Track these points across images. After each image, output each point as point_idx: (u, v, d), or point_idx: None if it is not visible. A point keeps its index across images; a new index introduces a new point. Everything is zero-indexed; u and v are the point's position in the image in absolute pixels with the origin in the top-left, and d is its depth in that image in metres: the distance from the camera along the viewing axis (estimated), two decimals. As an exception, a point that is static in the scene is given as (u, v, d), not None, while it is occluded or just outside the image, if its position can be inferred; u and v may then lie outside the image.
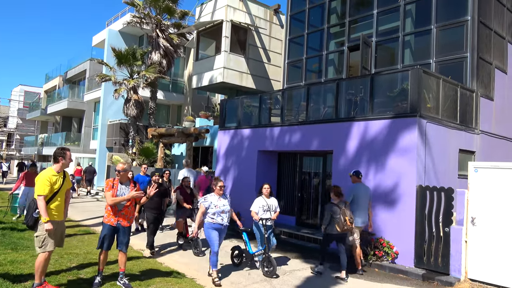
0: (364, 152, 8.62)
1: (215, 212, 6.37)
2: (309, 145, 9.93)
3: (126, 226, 5.65)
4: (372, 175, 8.39)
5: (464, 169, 8.58)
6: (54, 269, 6.07)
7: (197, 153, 17.57)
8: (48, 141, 32.52)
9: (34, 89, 49.19)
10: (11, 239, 7.95)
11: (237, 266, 7.29)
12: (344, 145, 9.05)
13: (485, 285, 6.61)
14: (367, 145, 8.59)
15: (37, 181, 5.05)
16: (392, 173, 8.05)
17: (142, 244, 8.79)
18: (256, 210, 7.20)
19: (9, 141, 51.01)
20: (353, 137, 8.87)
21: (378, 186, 8.24)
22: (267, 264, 6.82)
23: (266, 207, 7.24)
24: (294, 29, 14.98)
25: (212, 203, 6.42)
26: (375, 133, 8.46)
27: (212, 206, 6.40)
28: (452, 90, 9.18)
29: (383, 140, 8.30)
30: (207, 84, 17.05)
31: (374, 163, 8.40)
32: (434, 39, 10.84)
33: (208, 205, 6.41)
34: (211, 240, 6.31)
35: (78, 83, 30.68)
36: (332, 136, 9.38)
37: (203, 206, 6.43)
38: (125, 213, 5.65)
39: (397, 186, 7.92)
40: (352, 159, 8.84)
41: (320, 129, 9.70)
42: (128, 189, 5.69)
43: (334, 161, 9.25)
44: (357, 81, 9.85)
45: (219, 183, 6.62)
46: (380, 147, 8.32)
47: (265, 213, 7.19)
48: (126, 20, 20.81)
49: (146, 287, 5.65)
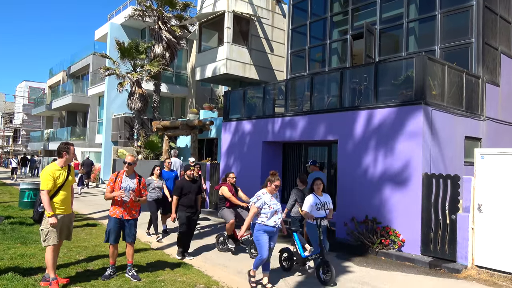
0: (370, 141, 8.58)
1: (268, 213, 5.63)
2: (313, 135, 9.91)
3: (132, 219, 5.71)
4: (378, 163, 8.37)
5: (470, 156, 8.53)
6: (63, 262, 6.15)
7: (202, 145, 17.61)
8: (53, 136, 32.73)
9: (38, 85, 49.45)
10: (20, 233, 8.04)
11: (287, 271, 6.51)
12: (349, 134, 9.01)
13: (492, 271, 6.61)
14: (372, 134, 8.55)
15: (41, 176, 5.13)
16: (397, 161, 8.03)
17: (149, 236, 8.87)
18: (308, 209, 6.40)
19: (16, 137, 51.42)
20: (358, 126, 8.83)
21: (384, 175, 8.22)
22: (324, 271, 5.99)
23: (319, 205, 6.46)
24: (297, 19, 14.85)
25: (266, 203, 5.65)
26: (380, 122, 8.42)
27: (265, 206, 5.64)
28: (457, 77, 9.09)
29: (388, 129, 8.26)
30: (210, 76, 17.01)
31: (380, 152, 8.36)
32: (438, 25, 10.70)
33: (261, 205, 5.65)
34: (261, 244, 5.58)
35: (81, 78, 30.75)
36: (336, 125, 9.34)
37: (255, 206, 5.68)
38: (131, 206, 5.70)
39: (403, 174, 7.89)
40: (357, 148, 8.82)
41: (324, 118, 9.66)
42: (133, 182, 5.73)
43: (339, 150, 9.23)
44: (361, 69, 9.78)
45: (276, 181, 5.75)
46: (386, 135, 8.29)
47: (319, 212, 6.42)
48: (128, 13, 20.74)
49: (154, 278, 5.71)
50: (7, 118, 52.89)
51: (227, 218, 7.68)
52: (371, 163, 8.46)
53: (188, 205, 7.08)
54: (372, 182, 8.37)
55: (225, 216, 7.76)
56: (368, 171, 8.50)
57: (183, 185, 7.09)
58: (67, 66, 32.96)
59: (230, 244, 7.75)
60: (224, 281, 5.87)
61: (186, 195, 7.02)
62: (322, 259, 6.04)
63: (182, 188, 7.05)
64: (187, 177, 7.18)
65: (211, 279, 5.89)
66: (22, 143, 48.71)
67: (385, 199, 8.14)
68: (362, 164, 8.63)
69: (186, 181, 7.19)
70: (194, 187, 7.17)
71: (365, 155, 8.58)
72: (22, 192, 12.04)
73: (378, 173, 8.30)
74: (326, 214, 6.46)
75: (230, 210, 7.84)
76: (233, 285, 5.75)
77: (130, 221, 5.70)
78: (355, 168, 8.75)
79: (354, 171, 8.77)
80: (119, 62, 19.06)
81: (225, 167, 12.45)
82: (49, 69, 38.37)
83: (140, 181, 5.83)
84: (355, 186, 8.72)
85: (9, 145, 51.31)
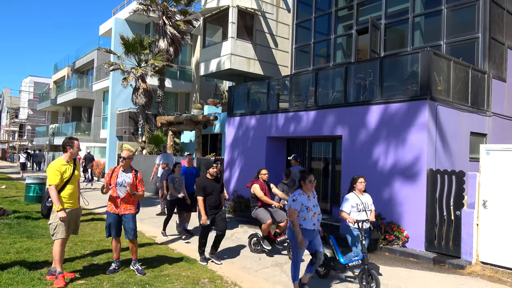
0: (374, 137, 8.55)
1: (306, 215, 5.14)
2: (318, 130, 9.89)
3: (129, 213, 5.70)
4: (383, 159, 8.34)
5: (476, 152, 8.49)
6: (69, 256, 6.20)
7: (206, 140, 17.63)
8: (59, 131, 32.90)
9: (43, 80, 49.65)
10: (26, 228, 8.11)
11: (323, 278, 5.93)
12: (353, 130, 8.99)
13: (496, 268, 6.59)
14: (377, 129, 8.52)
15: (47, 171, 5.17)
16: (402, 157, 8.00)
17: (154, 231, 8.92)
18: (348, 211, 5.80)
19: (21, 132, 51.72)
20: (363, 122, 8.80)
21: (389, 170, 8.19)
22: (368, 279, 5.37)
23: (361, 206, 5.83)
24: (301, 13, 14.77)
25: (304, 204, 5.14)
26: (385, 117, 8.38)
27: (303, 208, 5.13)
28: (463, 72, 9.02)
29: (393, 124, 8.22)
30: (215, 71, 16.98)
31: (384, 147, 8.34)
32: (444, 20, 10.61)
33: (299, 207, 5.12)
34: (297, 247, 5.08)
35: (86, 73, 30.82)
36: (341, 121, 9.32)
37: (293, 209, 5.09)
38: (127, 201, 5.70)
39: (408, 170, 7.87)
40: (361, 143, 8.79)
41: (329, 114, 9.64)
42: (129, 177, 5.73)
43: (344, 146, 9.21)
44: (366, 64, 9.73)
45: (310, 177, 5.23)
46: (390, 131, 8.25)
47: (360, 214, 5.78)
48: (132, 8, 20.73)
49: (159, 273, 5.74)
50: (12, 113, 53.21)
51: (263, 218, 7.18)
52: (376, 159, 8.44)
53: (213, 205, 6.51)
54: (376, 177, 8.35)
55: (260, 216, 7.23)
56: (372, 167, 8.48)
57: (206, 185, 6.50)
58: (72, 62, 33.06)
59: (265, 246, 7.30)
60: (229, 276, 5.90)
61: (210, 195, 6.48)
62: (365, 267, 5.41)
63: (205, 187, 6.48)
64: (210, 175, 6.60)
65: (215, 274, 5.92)
66: (27, 138, 48.99)
67: (390, 194, 8.12)
68: (367, 160, 8.61)
69: (208, 179, 6.58)
70: (218, 187, 6.59)
71: (370, 151, 8.56)
72: (28, 187, 12.13)
73: (382, 169, 8.28)
74: (368, 217, 5.81)
75: (265, 209, 7.30)
76: (237, 280, 5.77)
77: (126, 216, 5.69)
78: (359, 163, 8.73)
79: (358, 167, 8.74)
80: (124, 57, 19.09)
81: (228, 162, 12.48)
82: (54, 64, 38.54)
83: (136, 176, 5.77)
84: (359, 182, 8.69)
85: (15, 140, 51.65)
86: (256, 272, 6.28)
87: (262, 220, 7.19)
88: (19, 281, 4.94)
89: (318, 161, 11.21)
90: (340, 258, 5.77)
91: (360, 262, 5.57)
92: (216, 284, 5.44)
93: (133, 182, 5.70)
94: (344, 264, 5.72)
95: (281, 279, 5.98)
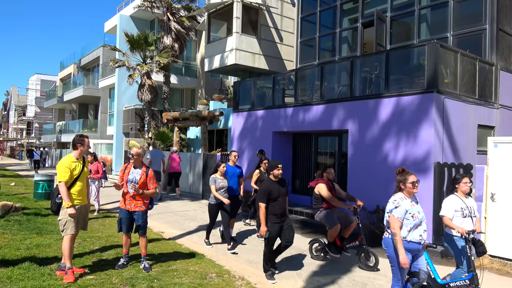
0: (380, 130, 8.52)
1: (410, 225, 4.17)
2: (323, 124, 9.86)
3: (140, 210, 5.74)
4: (389, 153, 8.31)
5: (483, 144, 8.42)
6: (78, 252, 6.27)
7: (212, 136, 17.67)
8: (66, 129, 33.16)
9: (50, 78, 49.98)
10: (35, 224, 8.21)
11: None
12: (359, 124, 8.96)
13: (505, 261, 6.56)
14: (383, 123, 8.48)
15: (57, 168, 5.23)
16: (409, 151, 7.96)
17: (161, 226, 8.99)
18: (451, 216, 4.76)
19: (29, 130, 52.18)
20: (369, 115, 8.76)
21: (395, 164, 8.16)
22: None
23: (466, 211, 4.78)
24: (306, 7, 14.70)
25: (407, 211, 4.18)
26: (391, 111, 8.34)
27: (407, 215, 4.18)
28: (470, 64, 8.94)
29: (399, 118, 8.18)
30: (220, 66, 16.96)
31: (391, 141, 8.30)
32: (451, 12, 10.49)
33: (402, 215, 4.18)
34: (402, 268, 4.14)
35: (92, 70, 30.96)
36: (347, 115, 9.29)
37: (396, 217, 4.17)
38: (137, 198, 5.74)
39: (415, 163, 7.83)
40: (367, 137, 8.76)
41: (334, 108, 9.61)
42: (140, 173, 5.75)
43: (350, 140, 9.18)
44: (372, 58, 9.67)
45: (410, 177, 4.25)
46: (397, 124, 8.21)
47: (465, 221, 4.74)
48: (137, 4, 20.74)
49: (167, 268, 5.79)
50: (20, 111, 53.65)
51: (332, 223, 6.42)
52: (382, 152, 8.41)
53: (279, 213, 5.61)
54: (384, 171, 8.33)
55: (328, 220, 6.45)
56: (379, 161, 8.46)
57: (271, 189, 5.58)
58: (78, 59, 33.20)
59: (333, 253, 6.53)
60: (236, 270, 5.93)
61: (275, 200, 5.55)
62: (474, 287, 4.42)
63: (270, 192, 5.56)
64: (274, 177, 5.70)
65: (222, 268, 5.96)
66: (35, 135, 49.41)
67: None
68: (373, 154, 8.58)
69: (273, 182, 5.69)
70: (283, 191, 5.72)
71: (376, 145, 8.52)
72: (36, 184, 12.25)
73: (389, 163, 8.25)
74: (474, 225, 4.80)
75: (332, 212, 6.53)
76: (245, 274, 5.80)
77: (137, 213, 5.74)
78: (366, 157, 8.71)
79: (365, 161, 8.73)
80: (129, 54, 19.14)
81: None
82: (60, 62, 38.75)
83: (147, 173, 5.76)
84: (365, 176, 8.69)
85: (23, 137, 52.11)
86: (264, 267, 6.30)
87: (330, 224, 6.42)
88: (29, 276, 5.01)
89: (324, 156, 11.20)
90: (437, 276, 4.73)
91: (467, 283, 4.54)
92: (224, 279, 5.47)
93: (143, 179, 5.71)
94: (443, 285, 4.65)
95: (289, 273, 6.01)
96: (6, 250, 6.13)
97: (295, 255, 6.98)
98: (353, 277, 5.92)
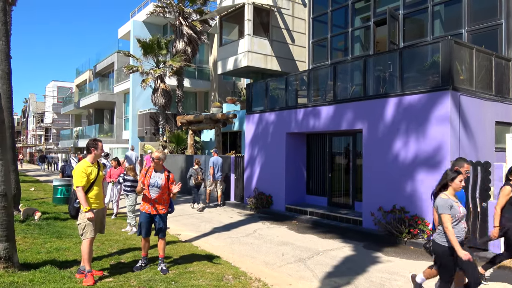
0: (395, 129, 8.44)
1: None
2: (337, 125, 9.82)
3: (161, 214, 5.82)
4: (405, 152, 8.22)
5: (502, 141, 8.26)
6: (96, 255, 6.37)
7: (226, 138, 17.75)
8: (82, 134, 33.72)
9: (66, 84, 50.91)
10: (55, 228, 8.37)
11: None
12: (374, 123, 8.88)
13: (526, 259, 6.41)
14: (398, 122, 8.40)
15: (74, 173, 5.33)
16: (425, 149, 7.86)
17: (178, 228, 9.06)
18: None
19: (47, 136, 53.26)
20: (383, 115, 8.69)
21: (412, 163, 8.07)
22: None
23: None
24: (317, 7, 14.66)
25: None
26: (407, 109, 8.25)
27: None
28: (486, 60, 8.79)
29: (415, 116, 8.09)
30: (232, 69, 17.06)
31: (407, 140, 8.21)
32: (465, 7, 10.34)
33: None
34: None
35: (107, 76, 31.42)
36: (361, 114, 9.22)
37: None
38: (159, 201, 5.81)
39: (431, 162, 7.73)
40: (383, 137, 8.68)
41: (348, 108, 9.55)
42: (161, 178, 5.82)
43: (365, 139, 9.12)
44: (385, 56, 9.59)
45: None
46: (413, 123, 8.12)
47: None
48: (149, 10, 21.01)
49: (184, 270, 5.84)
50: (38, 118, 54.84)
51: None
52: (398, 151, 8.33)
53: None
54: (399, 171, 8.24)
55: None
56: (394, 160, 8.37)
57: None
58: (93, 65, 33.75)
59: None
60: (252, 272, 5.94)
61: None
62: None
63: None
64: None
65: (239, 270, 5.98)
66: (53, 141, 50.38)
67: (413, 188, 8.00)
68: (389, 153, 8.50)
69: None
70: None
71: (392, 144, 8.44)
72: (55, 189, 12.49)
73: (405, 162, 8.16)
74: None
75: None
76: (261, 275, 5.81)
77: (158, 216, 5.83)
78: (381, 157, 8.64)
79: (380, 160, 8.65)
80: (142, 59, 19.38)
81: (249, 159, 12.52)
82: (76, 69, 39.40)
83: (168, 177, 5.83)
84: (381, 175, 8.61)
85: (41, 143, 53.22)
86: (280, 268, 6.30)
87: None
88: (50, 279, 5.11)
89: (339, 156, 11.14)
90: None
91: None
92: (240, 280, 5.49)
93: (165, 183, 5.79)
94: None
95: (304, 274, 5.99)
96: (28, 254, 6.27)
97: (310, 255, 6.96)
98: (370, 277, 5.87)
